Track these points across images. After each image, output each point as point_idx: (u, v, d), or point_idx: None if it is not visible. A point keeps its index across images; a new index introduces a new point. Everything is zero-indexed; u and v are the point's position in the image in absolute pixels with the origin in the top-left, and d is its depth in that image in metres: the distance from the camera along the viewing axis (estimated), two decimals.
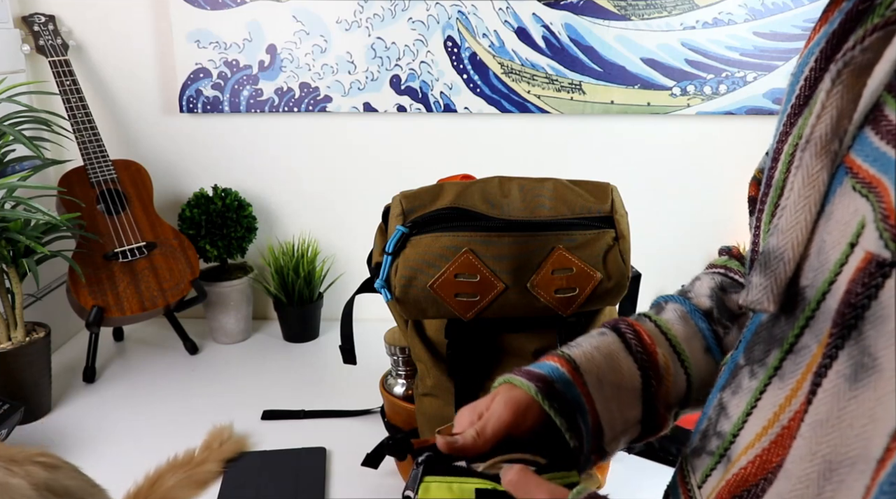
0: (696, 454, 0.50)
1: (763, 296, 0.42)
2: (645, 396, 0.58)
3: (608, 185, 0.91)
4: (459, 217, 0.86)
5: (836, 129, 0.39)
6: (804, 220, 0.41)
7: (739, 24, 1.43)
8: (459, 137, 1.54)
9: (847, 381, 0.36)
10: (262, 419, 1.21)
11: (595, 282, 0.85)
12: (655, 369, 0.58)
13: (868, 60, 0.39)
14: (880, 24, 0.39)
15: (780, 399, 0.42)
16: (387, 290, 0.87)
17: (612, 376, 0.57)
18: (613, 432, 0.57)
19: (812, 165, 0.41)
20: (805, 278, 0.41)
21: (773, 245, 0.43)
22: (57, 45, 1.40)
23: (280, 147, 1.56)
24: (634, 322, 0.62)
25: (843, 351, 0.36)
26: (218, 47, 1.47)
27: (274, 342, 1.54)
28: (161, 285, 1.38)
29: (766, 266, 0.43)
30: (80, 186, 1.38)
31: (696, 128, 1.53)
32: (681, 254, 1.61)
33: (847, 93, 0.39)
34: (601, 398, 0.56)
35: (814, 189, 0.40)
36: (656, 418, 0.59)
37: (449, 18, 1.44)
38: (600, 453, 0.57)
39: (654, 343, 0.59)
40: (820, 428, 0.37)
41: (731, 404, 0.47)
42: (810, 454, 0.37)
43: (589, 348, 0.59)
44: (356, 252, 1.59)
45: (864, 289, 0.35)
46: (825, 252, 0.39)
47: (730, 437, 0.46)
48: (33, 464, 0.68)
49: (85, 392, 1.31)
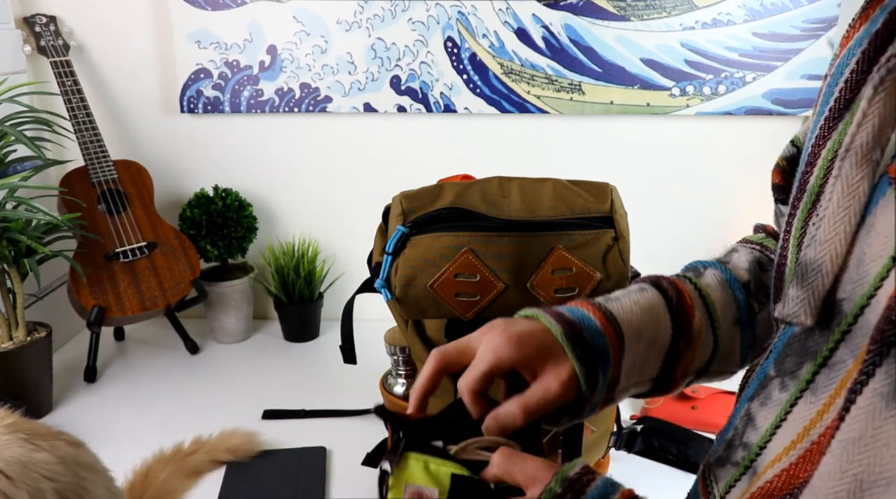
0: (721, 464, 0.49)
1: (800, 309, 0.41)
2: (668, 356, 0.56)
3: (608, 185, 0.91)
4: (459, 217, 0.86)
5: (879, 137, 0.38)
6: (843, 231, 0.39)
7: (739, 25, 1.43)
8: (459, 138, 1.54)
9: (884, 399, 0.34)
10: (262, 419, 1.21)
11: (595, 282, 0.85)
12: (688, 333, 0.56)
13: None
14: None
15: (812, 414, 0.41)
16: (387, 290, 0.87)
17: (651, 332, 0.55)
18: (627, 384, 0.55)
19: (852, 175, 0.39)
20: (842, 291, 0.40)
21: (810, 257, 0.41)
22: (58, 46, 1.41)
23: (280, 147, 1.56)
24: (677, 281, 0.60)
25: (880, 369, 0.35)
26: (218, 48, 1.47)
27: (274, 342, 1.55)
28: (162, 285, 1.38)
29: (804, 278, 0.41)
30: (81, 187, 1.38)
31: (696, 128, 1.53)
32: (680, 254, 1.60)
33: (890, 100, 0.38)
34: (631, 353, 0.54)
35: (854, 199, 0.39)
36: (670, 381, 0.57)
37: (449, 19, 1.44)
38: (608, 402, 0.55)
39: (693, 306, 0.57)
40: (852, 446, 0.36)
41: (759, 415, 0.46)
42: (840, 472, 0.36)
43: (628, 302, 0.56)
44: (356, 252, 1.60)
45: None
46: (865, 265, 0.38)
47: (756, 449, 0.45)
48: (58, 439, 0.69)
49: (86, 392, 1.31)
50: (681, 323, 0.56)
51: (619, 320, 0.54)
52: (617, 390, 0.55)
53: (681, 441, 1.07)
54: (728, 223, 1.59)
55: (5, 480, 0.58)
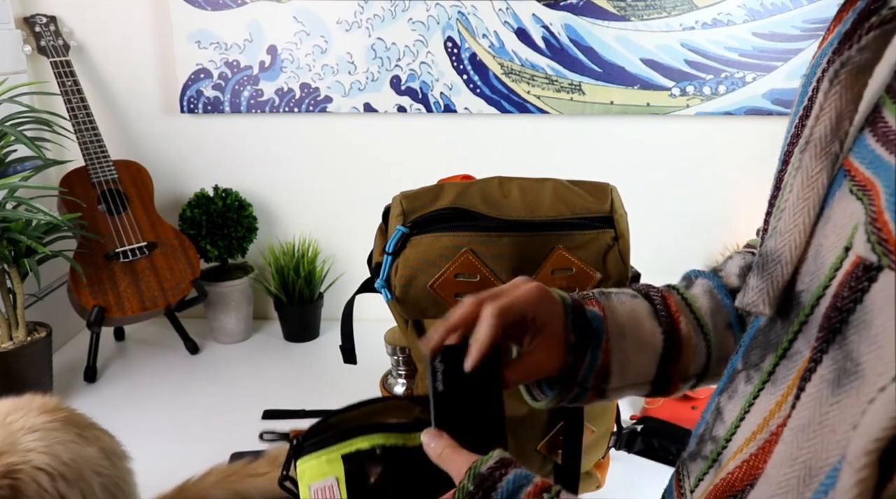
0: (692, 458, 0.50)
1: (759, 298, 0.42)
2: (663, 360, 0.58)
3: (608, 185, 0.91)
4: (459, 217, 0.86)
5: (836, 130, 0.39)
6: (802, 222, 0.40)
7: (738, 25, 1.43)
8: (459, 137, 1.54)
9: (830, 386, 0.35)
10: (262, 419, 1.21)
11: (595, 282, 0.86)
12: (677, 337, 0.58)
13: (867, 60, 0.38)
14: (876, 24, 0.38)
15: (771, 405, 0.41)
16: (387, 290, 0.87)
17: (634, 333, 0.57)
18: (621, 382, 0.57)
19: (812, 167, 0.40)
20: (801, 283, 0.40)
21: (771, 247, 0.42)
22: (58, 46, 1.41)
23: (281, 147, 1.56)
24: (664, 291, 0.62)
25: (827, 356, 0.35)
26: (218, 48, 1.47)
27: (274, 342, 1.55)
28: (162, 285, 1.38)
29: (764, 268, 0.42)
30: (82, 187, 1.38)
31: (696, 128, 1.53)
32: (680, 254, 1.61)
33: (846, 93, 0.38)
34: (618, 347, 0.56)
35: (813, 191, 0.40)
36: (668, 384, 0.59)
37: (449, 19, 1.44)
38: (600, 393, 0.57)
39: (679, 312, 0.59)
40: (801, 433, 0.36)
41: (726, 408, 0.47)
42: (791, 460, 0.36)
43: (617, 303, 0.59)
44: (356, 252, 1.60)
45: (851, 293, 0.34)
46: (822, 256, 0.39)
47: (723, 442, 0.45)
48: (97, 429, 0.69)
49: (86, 392, 1.31)
50: (670, 329, 0.58)
51: (611, 313, 0.57)
52: (609, 385, 0.56)
53: (681, 441, 1.07)
54: (728, 223, 1.59)
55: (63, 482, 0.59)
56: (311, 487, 0.50)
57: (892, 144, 0.35)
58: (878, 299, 0.33)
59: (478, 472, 0.45)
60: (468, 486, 0.44)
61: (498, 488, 0.44)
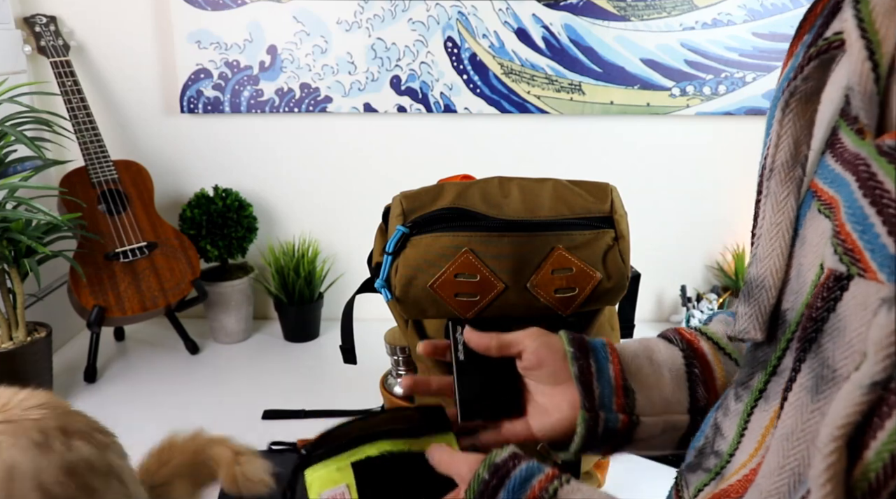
0: (692, 470, 0.50)
1: (749, 325, 0.43)
2: (690, 378, 0.57)
3: (608, 185, 0.91)
4: (459, 217, 0.86)
5: (796, 155, 0.41)
6: (779, 246, 0.42)
7: (738, 25, 1.44)
8: (459, 137, 1.54)
9: (809, 393, 0.36)
10: (262, 419, 1.21)
11: (594, 282, 0.86)
12: (698, 355, 0.58)
13: (812, 88, 0.41)
14: (814, 55, 0.40)
15: (766, 421, 0.42)
16: (387, 290, 0.87)
17: (645, 352, 0.58)
18: (651, 405, 0.56)
19: (779, 193, 0.42)
20: (786, 302, 0.42)
21: (753, 274, 0.44)
22: (58, 46, 1.41)
23: (281, 147, 1.56)
24: (678, 328, 0.63)
25: (805, 364, 0.37)
26: (219, 48, 1.47)
27: (274, 342, 1.55)
28: (162, 285, 1.38)
29: (750, 295, 0.44)
30: (82, 187, 1.38)
31: (696, 128, 1.53)
32: (680, 254, 1.61)
33: (798, 120, 0.41)
34: (632, 365, 0.57)
35: (784, 215, 0.42)
36: (706, 411, 0.57)
37: (449, 19, 1.44)
38: (631, 414, 0.56)
39: (694, 337, 0.60)
40: (786, 442, 0.37)
41: (724, 425, 0.48)
42: (779, 468, 0.37)
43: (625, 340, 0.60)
44: (356, 252, 1.60)
45: (823, 303, 0.36)
46: (803, 275, 0.40)
47: (726, 457, 0.46)
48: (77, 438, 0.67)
49: (86, 392, 1.31)
50: (687, 350, 0.58)
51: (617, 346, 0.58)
52: (637, 407, 0.56)
53: None
54: (728, 223, 1.59)
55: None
56: (322, 496, 0.50)
57: (848, 162, 0.37)
58: (850, 306, 0.35)
59: (492, 462, 0.46)
60: (483, 474, 0.46)
61: (511, 475, 0.45)
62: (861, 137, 0.37)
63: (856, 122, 0.38)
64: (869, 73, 0.35)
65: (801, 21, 0.45)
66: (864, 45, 0.35)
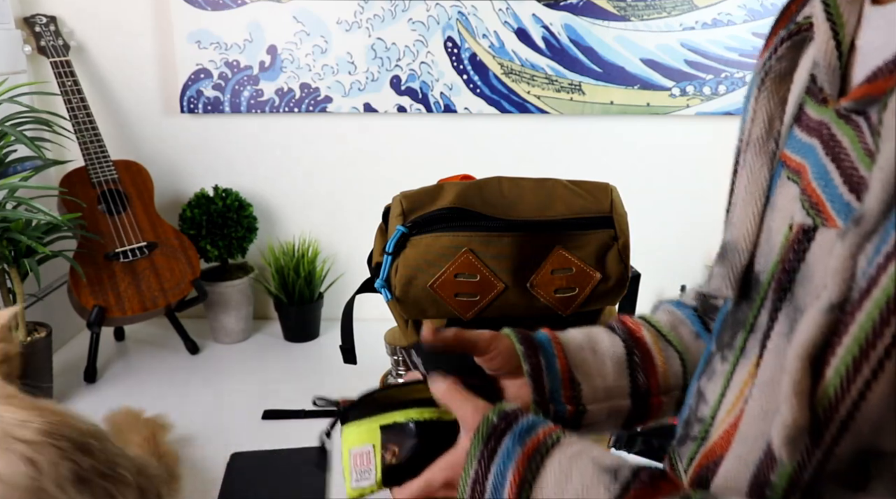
0: (682, 443, 0.52)
1: (722, 284, 0.47)
2: (630, 365, 0.61)
3: (608, 185, 0.91)
4: (459, 217, 0.86)
5: (770, 130, 0.45)
6: (752, 213, 0.46)
7: (738, 25, 1.44)
8: (459, 137, 1.54)
9: (785, 338, 0.40)
10: (262, 419, 1.21)
11: (594, 282, 0.86)
12: (639, 344, 0.62)
13: (785, 68, 0.45)
14: (786, 36, 0.45)
15: (744, 376, 0.45)
16: (387, 290, 0.88)
17: (591, 345, 0.62)
18: (594, 393, 0.60)
19: (754, 164, 0.46)
20: (758, 264, 0.46)
21: (728, 238, 0.48)
22: (58, 46, 1.41)
23: (281, 147, 1.56)
24: (622, 316, 0.67)
25: (781, 313, 0.41)
26: (219, 48, 1.47)
27: (274, 342, 1.55)
28: (162, 285, 1.38)
29: (724, 257, 0.48)
30: (82, 187, 1.38)
31: (696, 128, 1.53)
32: (680, 254, 1.61)
33: (773, 97, 0.45)
34: (577, 357, 0.61)
35: (757, 185, 0.46)
36: (648, 397, 0.62)
37: (449, 19, 1.44)
38: (577, 404, 0.60)
39: (637, 326, 0.64)
40: (767, 387, 0.40)
41: (707, 389, 0.50)
42: (762, 413, 0.40)
43: (569, 331, 0.64)
44: (356, 252, 1.60)
45: (795, 255, 0.40)
46: (772, 239, 0.44)
47: (709, 420, 0.49)
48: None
49: (86, 392, 1.31)
50: (629, 339, 0.62)
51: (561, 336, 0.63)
52: (583, 396, 0.60)
53: None
54: None
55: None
56: (351, 451, 0.55)
57: (813, 129, 0.42)
58: (816, 255, 0.39)
59: (502, 409, 0.49)
60: (493, 418, 0.48)
61: (519, 421, 0.48)
62: (825, 106, 0.41)
63: (821, 94, 0.42)
64: (833, 50, 0.40)
65: (778, 17, 0.50)
66: (829, 27, 0.40)
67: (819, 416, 0.34)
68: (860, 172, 0.36)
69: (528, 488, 0.45)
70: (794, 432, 0.34)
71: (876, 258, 0.32)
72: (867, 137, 0.36)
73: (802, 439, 0.34)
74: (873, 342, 0.32)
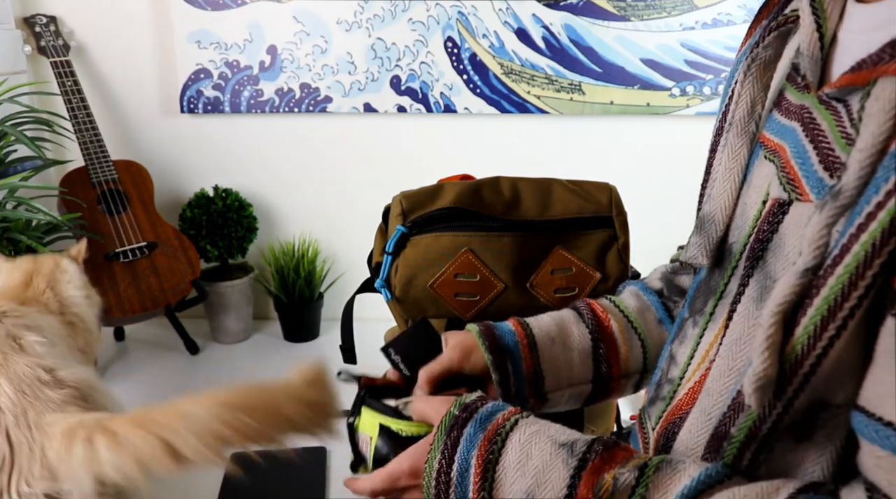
0: (652, 403, 0.56)
1: (698, 252, 0.51)
2: (595, 357, 0.65)
3: (608, 185, 0.92)
4: (459, 217, 0.86)
5: (752, 113, 0.49)
6: (730, 188, 0.50)
7: (739, 25, 1.44)
8: (459, 137, 1.54)
9: (755, 302, 0.43)
10: None
11: (594, 282, 0.86)
12: (605, 335, 0.66)
13: (770, 56, 0.48)
14: (774, 27, 0.48)
15: (711, 338, 0.49)
16: (387, 289, 0.88)
17: (563, 336, 0.66)
18: (557, 383, 0.65)
19: (734, 143, 0.50)
20: (732, 236, 0.50)
21: (706, 211, 0.52)
22: (58, 46, 1.41)
23: (281, 147, 1.56)
24: (591, 301, 0.70)
25: (752, 279, 0.44)
26: (219, 48, 1.47)
27: (274, 342, 1.55)
28: (162, 285, 1.38)
29: (701, 228, 0.52)
30: (82, 187, 1.38)
31: (696, 128, 1.53)
32: None
33: (757, 83, 0.49)
34: (547, 353, 0.64)
35: (736, 163, 0.50)
36: (608, 381, 0.66)
37: (449, 19, 1.45)
38: (540, 397, 0.65)
39: (606, 314, 0.67)
40: (734, 346, 0.44)
41: (678, 352, 0.54)
42: (728, 370, 0.44)
43: (543, 316, 0.68)
44: (356, 252, 1.59)
45: (769, 226, 0.44)
46: (746, 213, 0.48)
47: (677, 380, 0.52)
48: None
49: None
50: (597, 329, 0.66)
51: (531, 326, 0.66)
52: (546, 387, 0.64)
53: None
54: None
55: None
56: (359, 435, 0.61)
57: (794, 113, 0.45)
58: (789, 226, 0.42)
59: (463, 402, 0.53)
60: (454, 411, 0.52)
61: (479, 410, 0.51)
62: (806, 92, 0.44)
63: (802, 80, 0.45)
64: (816, 41, 0.43)
65: (761, 8, 0.53)
66: (814, 19, 0.43)
67: (785, 370, 0.37)
68: (836, 153, 0.39)
69: (491, 468, 0.48)
70: (765, 381, 0.37)
71: (849, 229, 0.35)
72: (845, 121, 0.39)
73: (771, 387, 0.37)
74: (840, 304, 0.35)
